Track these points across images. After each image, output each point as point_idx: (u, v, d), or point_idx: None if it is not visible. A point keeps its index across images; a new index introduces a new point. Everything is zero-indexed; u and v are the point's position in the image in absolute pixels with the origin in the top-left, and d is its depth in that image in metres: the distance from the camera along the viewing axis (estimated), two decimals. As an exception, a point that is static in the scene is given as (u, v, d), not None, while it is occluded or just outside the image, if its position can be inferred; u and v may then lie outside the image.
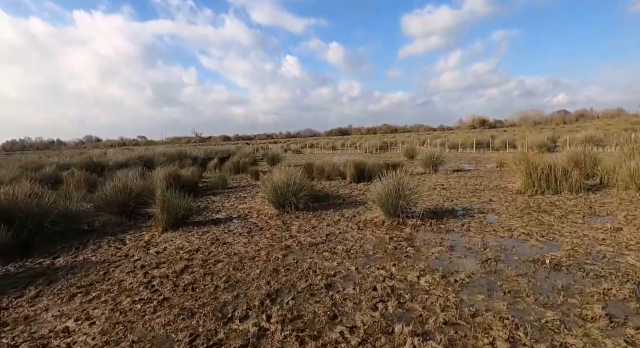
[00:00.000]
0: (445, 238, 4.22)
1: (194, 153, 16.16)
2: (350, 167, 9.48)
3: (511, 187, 7.51)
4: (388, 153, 23.11)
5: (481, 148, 20.29)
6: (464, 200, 6.48)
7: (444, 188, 7.91)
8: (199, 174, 11.71)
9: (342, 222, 5.29)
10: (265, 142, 78.80)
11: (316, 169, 10.24)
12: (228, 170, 13.02)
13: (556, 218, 4.88)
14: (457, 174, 10.33)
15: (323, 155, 24.92)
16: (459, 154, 19.16)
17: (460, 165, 13.27)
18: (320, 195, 7.69)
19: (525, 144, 17.87)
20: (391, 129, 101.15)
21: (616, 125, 39.46)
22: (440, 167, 11.08)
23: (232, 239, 4.54)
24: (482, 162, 14.23)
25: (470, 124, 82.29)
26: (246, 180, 11.26)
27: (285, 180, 5.89)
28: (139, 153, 14.69)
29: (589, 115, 71.76)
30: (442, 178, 9.55)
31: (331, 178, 10.13)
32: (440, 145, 22.54)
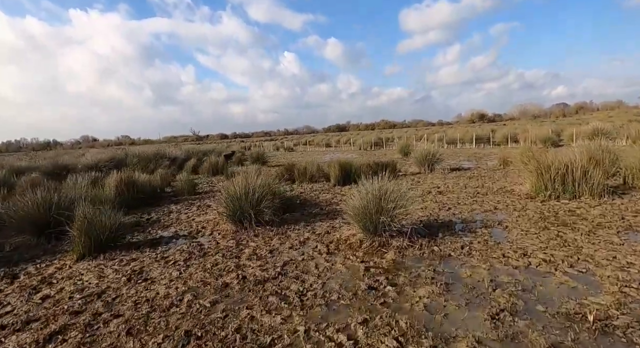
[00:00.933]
0: (439, 270, 3.13)
1: (174, 153, 15.03)
2: (334, 168, 8.38)
3: (519, 190, 6.41)
4: (383, 150, 22.00)
5: (481, 143, 19.20)
6: (464, 209, 5.39)
7: (440, 192, 6.81)
8: (170, 176, 10.60)
9: (311, 242, 4.19)
10: (262, 139, 77.65)
11: (298, 169, 9.13)
12: (205, 172, 11.91)
13: (583, 236, 3.79)
14: (455, 174, 9.23)
15: (315, 153, 23.80)
16: (458, 150, 18.06)
17: (459, 162, 12.18)
18: (295, 202, 6.60)
19: (528, 138, 16.77)
20: (390, 124, 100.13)
21: (618, 117, 38.38)
22: (436, 165, 9.99)
23: (159, 272, 3.44)
24: (482, 158, 13.14)
25: (469, 118, 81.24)
26: (222, 183, 10.15)
27: (243, 189, 4.78)
28: (111, 154, 13.55)
29: (589, 108, 70.73)
30: (438, 179, 8.45)
31: (314, 181, 9.03)
32: (438, 141, 21.45)
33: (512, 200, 5.79)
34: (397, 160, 13.54)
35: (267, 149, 31.99)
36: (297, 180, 9.13)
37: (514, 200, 5.78)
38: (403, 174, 9.71)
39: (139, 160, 13.23)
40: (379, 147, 24.02)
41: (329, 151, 24.76)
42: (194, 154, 15.69)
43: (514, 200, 5.74)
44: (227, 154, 24.21)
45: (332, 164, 8.50)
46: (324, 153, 22.77)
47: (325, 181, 8.90)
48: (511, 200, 5.80)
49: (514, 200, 5.78)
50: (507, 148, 17.06)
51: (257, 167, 10.05)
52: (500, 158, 10.29)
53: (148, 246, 4.33)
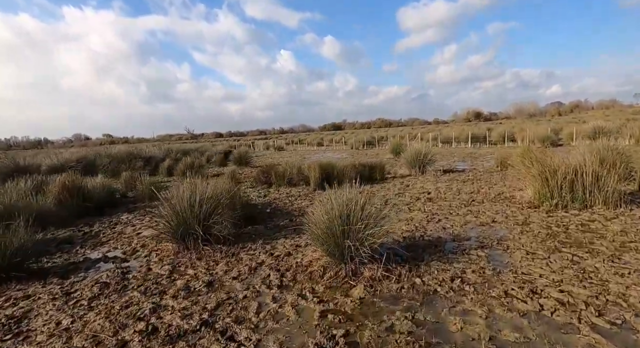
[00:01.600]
0: (419, 318, 2.30)
1: (150, 152, 14.08)
2: (314, 171, 7.53)
3: (519, 196, 5.61)
4: (376, 149, 21.19)
5: (477, 142, 18.46)
6: (456, 221, 4.56)
7: (430, 199, 5.99)
8: (137, 179, 9.68)
9: (264, 268, 3.33)
10: (257, 138, 76.58)
11: (276, 172, 8.27)
12: (180, 174, 10.99)
13: (606, 263, 2.98)
14: (448, 177, 8.42)
15: (305, 152, 22.93)
16: (453, 150, 17.30)
17: (454, 163, 11.38)
18: (264, 211, 5.75)
19: (526, 138, 16.03)
20: (386, 123, 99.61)
21: (614, 115, 37.95)
22: (428, 167, 9.17)
23: (45, 319, 2.57)
24: (478, 159, 12.36)
25: (465, 117, 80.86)
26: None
27: (187, 201, 3.90)
28: (83, 154, 12.58)
29: (584, 106, 70.68)
30: (429, 183, 7.63)
31: (293, 184, 8.17)
32: (433, 140, 20.67)
33: (513, 209, 4.98)
34: (388, 161, 12.74)
35: (257, 148, 31.10)
36: (274, 184, 8.27)
37: (514, 209, 4.97)
38: (392, 177, 8.89)
39: (111, 161, 12.29)
40: (371, 146, 23.22)
41: (319, 150, 23.90)
42: (172, 153, 14.75)
43: (515, 210, 4.92)
44: (227, 152, 23.28)
45: (312, 166, 7.65)
46: (314, 152, 21.92)
47: (305, 185, 8.04)
48: (511, 209, 4.99)
49: (514, 209, 4.97)
50: (504, 147, 16.32)
51: (232, 169, 9.17)
52: (497, 159, 9.50)
53: (59, 275, 3.44)
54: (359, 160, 9.83)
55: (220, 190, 4.76)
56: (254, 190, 8.06)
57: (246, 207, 5.66)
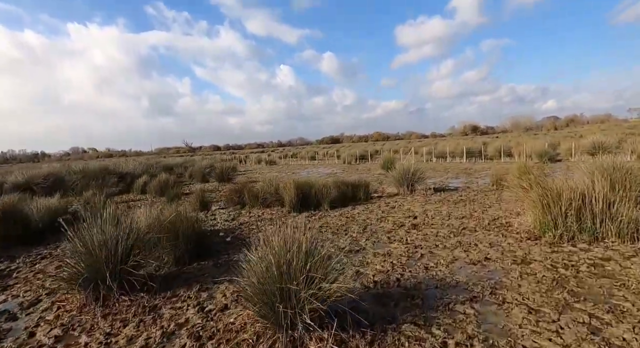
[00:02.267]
0: None
1: (126, 168, 13.28)
2: (289, 191, 6.76)
3: (517, 224, 4.83)
4: (369, 164, 20.49)
5: (473, 157, 17.82)
6: (442, 257, 3.77)
7: (415, 226, 5.20)
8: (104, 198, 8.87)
9: (181, 335, 2.51)
10: (254, 151, 76.03)
11: (250, 191, 7.48)
12: (152, 191, 10.20)
13: (636, 331, 2.19)
14: (439, 196, 7.65)
15: (297, 167, 22.21)
16: (447, 165, 16.61)
17: (446, 180, 10.64)
18: (224, 240, 4.95)
19: (523, 153, 15.38)
20: (383, 136, 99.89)
21: (610, 130, 37.67)
22: (418, 185, 8.40)
23: None
24: (473, 175, 11.64)
25: (462, 130, 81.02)
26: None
27: (100, 236, 3.10)
28: (51, 170, 11.78)
29: (579, 121, 71.01)
30: (417, 204, 6.86)
31: (267, 205, 7.37)
32: (427, 154, 20.02)
33: (510, 241, 4.20)
34: (377, 177, 11.99)
35: (249, 162, 30.38)
36: (248, 205, 7.48)
37: (511, 241, 4.19)
38: (378, 196, 8.12)
39: (82, 177, 11.49)
40: (364, 160, 22.54)
41: (311, 165, 23.19)
42: (152, 169, 13.97)
43: (512, 242, 4.14)
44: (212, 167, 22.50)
45: (288, 186, 6.88)
46: (305, 167, 21.20)
47: (280, 206, 7.25)
48: (508, 241, 4.21)
49: (511, 241, 4.19)
50: (500, 163, 15.66)
51: (200, 188, 8.40)
52: (493, 176, 8.77)
53: None
54: (345, 178, 9.09)
55: (167, 217, 4.00)
56: (224, 212, 7.27)
57: (202, 235, 4.88)
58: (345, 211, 6.65)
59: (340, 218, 6.04)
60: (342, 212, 6.62)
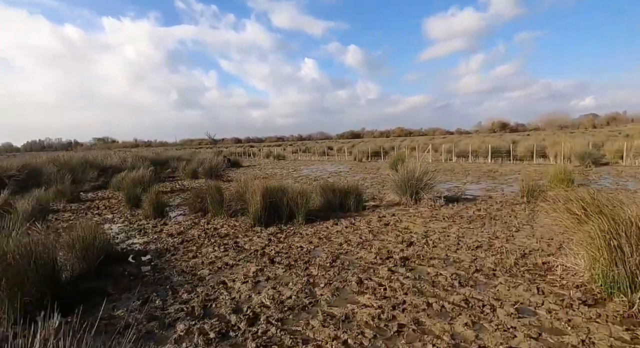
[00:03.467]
0: None
1: (111, 161, 12.36)
2: (254, 198, 5.34)
3: (562, 268, 3.16)
4: (380, 161, 18.72)
5: (499, 157, 15.65)
6: (434, 339, 2.22)
7: (406, 260, 3.64)
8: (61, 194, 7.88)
9: None
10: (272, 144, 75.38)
11: (212, 197, 6.12)
12: (124, 189, 9.12)
13: None
14: (451, 210, 5.98)
15: (304, 163, 20.77)
16: (468, 165, 14.62)
17: (464, 186, 8.84)
18: (138, 271, 3.62)
19: (560, 153, 13.16)
20: (405, 132, 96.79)
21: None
22: (425, 193, 6.71)
23: None
24: (498, 179, 9.73)
25: (490, 127, 76.63)
26: (120, 210, 7.30)
27: None
28: (27, 161, 11.00)
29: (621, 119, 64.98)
30: (419, 221, 5.25)
31: (231, 214, 5.99)
32: (447, 152, 17.96)
33: (552, 305, 2.57)
34: (383, 179, 10.32)
35: (259, 156, 29.29)
36: (210, 212, 6.14)
37: (554, 306, 2.56)
38: (374, 205, 6.55)
39: (59, 170, 10.61)
40: (377, 157, 20.74)
41: (319, 161, 21.68)
42: (141, 162, 12.99)
43: (557, 309, 2.52)
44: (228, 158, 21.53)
45: (254, 191, 5.45)
46: (311, 163, 19.73)
47: (247, 216, 5.86)
48: (548, 304, 2.59)
49: (554, 306, 2.56)
50: (532, 165, 13.51)
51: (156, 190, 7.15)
52: (523, 183, 6.94)
53: None
54: (348, 177, 7.53)
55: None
56: (181, 221, 5.98)
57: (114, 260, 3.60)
58: (323, 227, 5.16)
59: (311, 239, 4.56)
60: (318, 228, 5.14)
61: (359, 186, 6.61)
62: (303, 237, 4.71)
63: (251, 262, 3.80)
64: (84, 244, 3.48)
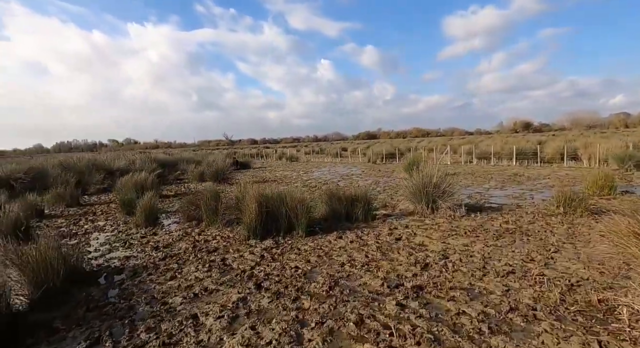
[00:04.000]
0: None
1: (118, 164, 12.19)
2: (249, 207, 4.78)
3: (627, 312, 2.41)
4: (395, 163, 17.88)
5: (525, 159, 14.53)
6: None
7: (420, 289, 2.95)
8: (61, 197, 7.62)
9: None
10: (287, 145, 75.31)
11: (207, 204, 5.62)
12: (127, 193, 8.81)
13: None
14: (473, 221, 5.22)
15: (315, 165, 20.18)
16: (491, 168, 13.61)
17: (487, 192, 8.00)
18: (102, 298, 3.12)
19: (595, 155, 11.99)
20: (422, 132, 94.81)
21: None
22: (443, 201, 5.94)
23: None
24: (525, 184, 8.81)
25: (512, 127, 73.70)
26: (115, 217, 6.93)
27: None
28: (31, 164, 10.93)
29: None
30: (436, 235, 4.53)
31: (227, 223, 5.46)
32: (467, 154, 16.92)
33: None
34: (397, 183, 9.57)
35: (271, 157, 28.95)
36: (204, 221, 5.64)
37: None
38: (385, 215, 5.87)
39: (65, 173, 10.47)
40: (392, 159, 19.89)
41: (332, 163, 21.04)
42: (149, 164, 12.76)
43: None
44: (237, 159, 21.32)
45: (251, 198, 4.89)
46: (324, 165, 19.12)
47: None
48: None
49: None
50: (562, 168, 12.39)
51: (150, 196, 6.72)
52: (558, 191, 6.07)
53: None
54: (358, 181, 6.90)
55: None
56: (173, 229, 5.52)
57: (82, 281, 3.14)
58: (325, 241, 4.54)
59: (309, 257, 3.95)
60: (319, 242, 4.52)
61: (370, 192, 5.94)
62: (300, 253, 4.11)
63: (234, 287, 3.22)
64: (43, 265, 3.01)
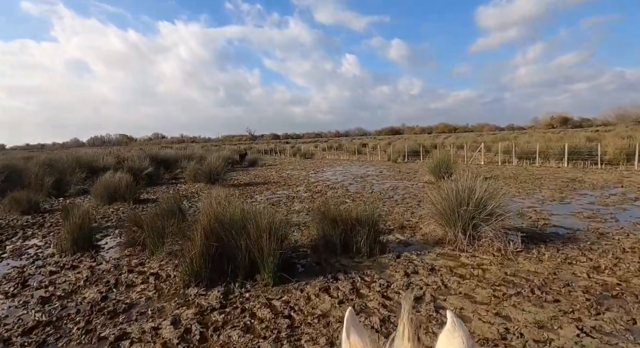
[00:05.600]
0: None
1: (105, 162, 11.08)
2: (196, 233, 3.18)
3: None
4: (419, 162, 15.80)
5: (577, 160, 12.08)
6: None
7: None
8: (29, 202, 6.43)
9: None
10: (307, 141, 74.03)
11: (151, 225, 4.11)
12: (98, 196, 7.57)
13: None
14: (540, 264, 3.35)
15: (330, 162, 18.45)
16: (536, 171, 11.33)
17: (545, 206, 5.97)
18: None
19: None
20: (449, 128, 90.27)
21: None
22: (488, 227, 4.07)
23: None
24: (593, 195, 6.66)
25: (548, 122, 68.31)
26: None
27: None
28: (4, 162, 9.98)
29: None
30: (481, 295, 2.75)
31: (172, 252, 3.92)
32: (504, 153, 14.55)
33: None
34: (421, 189, 7.62)
35: (285, 154, 27.50)
36: (148, 248, 4.13)
37: None
38: (399, 243, 4.11)
39: (44, 171, 9.43)
40: (416, 157, 17.77)
41: (348, 161, 19.22)
42: (146, 162, 11.58)
43: None
44: (241, 154, 20.21)
45: (199, 222, 3.32)
46: (339, 163, 17.36)
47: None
48: None
49: None
50: (634, 172, 9.95)
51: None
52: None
53: None
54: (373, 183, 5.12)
55: None
56: (112, 259, 4.06)
57: None
58: (301, 296, 2.87)
59: (267, 332, 2.31)
60: (293, 297, 2.87)
61: (380, 208, 4.19)
62: (255, 321, 2.48)
63: None
64: None
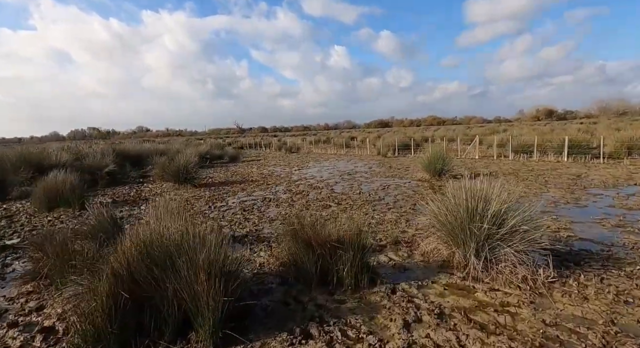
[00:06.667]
0: None
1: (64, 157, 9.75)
2: (95, 290, 2.16)
3: None
4: (410, 156, 14.98)
5: (576, 154, 11.46)
6: None
7: None
8: None
9: None
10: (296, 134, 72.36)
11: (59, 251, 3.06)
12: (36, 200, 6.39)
13: None
14: (586, 305, 2.48)
15: (317, 156, 17.45)
16: (537, 166, 10.63)
17: (558, 210, 5.15)
18: None
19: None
20: (438, 120, 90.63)
21: None
22: (507, 246, 3.20)
23: None
24: (609, 195, 5.89)
25: (533, 115, 69.07)
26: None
27: None
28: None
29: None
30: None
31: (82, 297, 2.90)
32: (499, 147, 13.85)
33: None
34: (415, 189, 6.68)
35: (270, 147, 26.34)
36: (54, 283, 3.09)
37: None
38: (393, 267, 3.19)
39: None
40: (407, 152, 16.97)
41: (335, 156, 18.27)
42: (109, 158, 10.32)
43: None
44: (206, 157, 18.75)
45: (118, 251, 2.31)
46: (326, 158, 16.39)
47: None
48: None
49: None
50: (637, 165, 9.32)
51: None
52: None
53: None
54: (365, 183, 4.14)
55: None
56: (5, 299, 3.00)
57: None
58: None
59: None
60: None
61: (371, 209, 3.26)
62: None
63: None
64: None
